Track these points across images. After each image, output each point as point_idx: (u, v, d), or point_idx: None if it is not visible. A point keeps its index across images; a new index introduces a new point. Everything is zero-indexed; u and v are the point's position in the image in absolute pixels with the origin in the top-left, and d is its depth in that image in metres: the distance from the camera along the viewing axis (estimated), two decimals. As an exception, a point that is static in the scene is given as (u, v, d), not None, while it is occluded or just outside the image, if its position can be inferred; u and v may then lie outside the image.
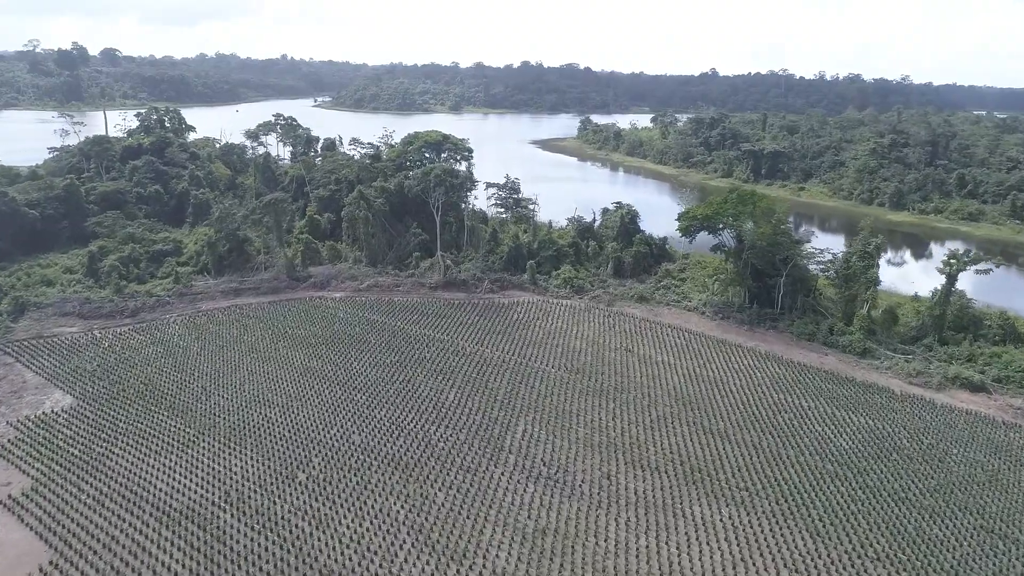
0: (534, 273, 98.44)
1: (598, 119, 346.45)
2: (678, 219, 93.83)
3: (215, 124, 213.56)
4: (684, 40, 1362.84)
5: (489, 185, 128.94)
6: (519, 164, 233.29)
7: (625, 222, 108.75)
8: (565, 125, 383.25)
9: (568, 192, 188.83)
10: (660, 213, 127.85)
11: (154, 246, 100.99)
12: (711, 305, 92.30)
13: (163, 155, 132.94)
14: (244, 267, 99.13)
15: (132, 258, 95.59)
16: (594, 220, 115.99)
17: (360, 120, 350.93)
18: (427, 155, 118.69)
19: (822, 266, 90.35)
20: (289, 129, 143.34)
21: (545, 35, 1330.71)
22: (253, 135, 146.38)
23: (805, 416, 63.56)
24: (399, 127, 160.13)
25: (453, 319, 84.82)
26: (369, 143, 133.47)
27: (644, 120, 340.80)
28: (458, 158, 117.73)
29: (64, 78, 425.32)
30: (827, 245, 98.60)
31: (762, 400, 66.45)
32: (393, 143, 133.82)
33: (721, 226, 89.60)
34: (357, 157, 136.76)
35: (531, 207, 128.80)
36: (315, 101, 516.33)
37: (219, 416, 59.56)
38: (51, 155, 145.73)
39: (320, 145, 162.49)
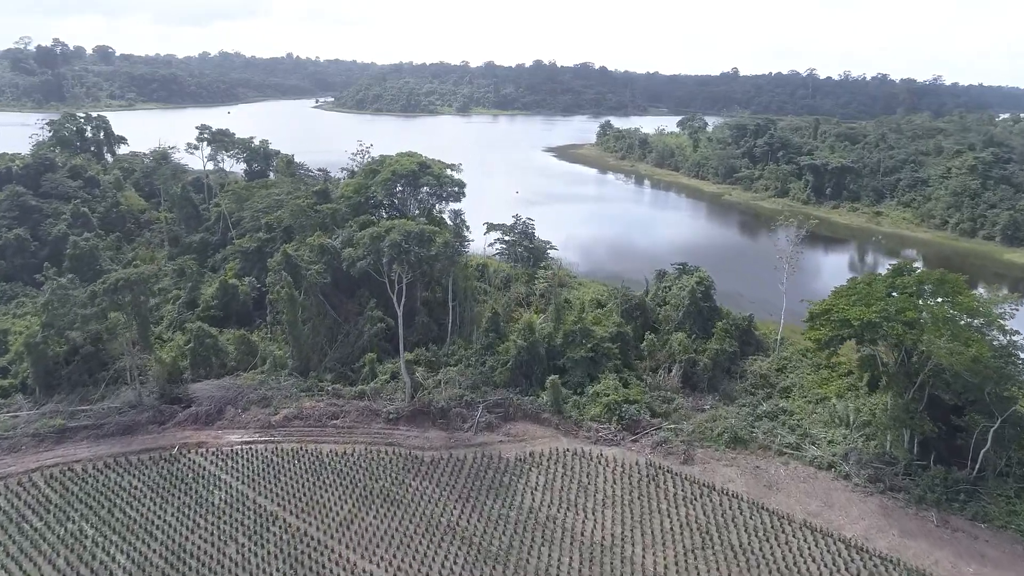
0: (558, 394, 60.38)
1: (616, 122, 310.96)
2: (808, 321, 55.10)
3: (216, 124, 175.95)
4: (700, 38, 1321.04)
5: (491, 227, 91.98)
6: (533, 179, 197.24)
7: (697, 298, 70.42)
8: (581, 128, 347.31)
9: (592, 214, 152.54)
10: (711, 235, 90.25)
11: (-45, 343, 64.20)
12: (856, 460, 54.52)
13: (40, 183, 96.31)
14: (96, 377, 61.89)
15: (-98, 370, 58.88)
16: (646, 291, 77.92)
17: (358, 123, 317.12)
18: (399, 190, 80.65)
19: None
20: (220, 143, 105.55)
21: (559, 34, 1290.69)
22: (160, 155, 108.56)
23: None
24: (399, 130, 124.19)
25: (414, 512, 47.18)
26: (320, 170, 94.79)
27: (666, 123, 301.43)
28: (443, 195, 79.69)
29: (45, 77, 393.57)
30: None
31: None
32: (356, 169, 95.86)
33: (891, 338, 50.97)
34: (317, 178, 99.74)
35: (550, 258, 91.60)
36: (316, 102, 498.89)
37: None
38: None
39: (275, 163, 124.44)
